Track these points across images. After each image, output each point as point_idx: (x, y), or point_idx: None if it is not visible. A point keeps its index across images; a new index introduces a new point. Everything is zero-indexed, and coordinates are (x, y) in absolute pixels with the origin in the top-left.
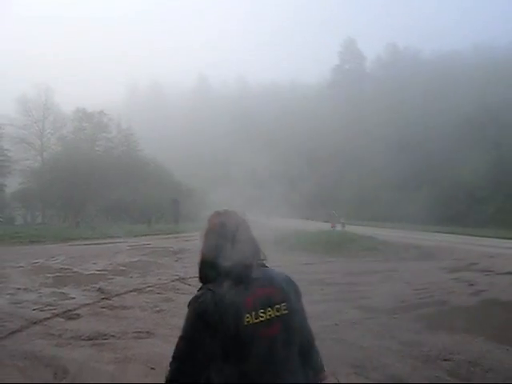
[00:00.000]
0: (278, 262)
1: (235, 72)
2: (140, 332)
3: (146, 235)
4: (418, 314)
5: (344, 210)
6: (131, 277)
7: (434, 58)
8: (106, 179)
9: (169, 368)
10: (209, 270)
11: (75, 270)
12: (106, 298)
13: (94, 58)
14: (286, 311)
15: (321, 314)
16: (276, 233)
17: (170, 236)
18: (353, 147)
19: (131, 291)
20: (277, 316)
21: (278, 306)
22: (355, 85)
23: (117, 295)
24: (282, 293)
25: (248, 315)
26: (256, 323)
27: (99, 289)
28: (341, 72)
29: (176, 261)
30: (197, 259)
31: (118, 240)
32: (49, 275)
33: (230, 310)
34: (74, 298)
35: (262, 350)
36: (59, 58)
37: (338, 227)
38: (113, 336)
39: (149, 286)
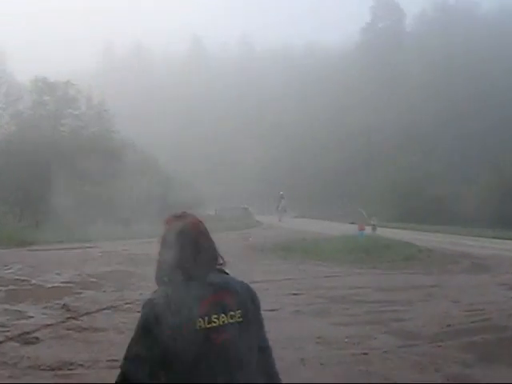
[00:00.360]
0: (285, 275)
1: (237, 32)
2: (115, 360)
3: (123, 238)
4: (468, 341)
5: (375, 209)
6: (104, 291)
7: (492, 15)
8: (74, 168)
9: (120, 369)
10: (164, 273)
11: (34, 281)
12: (73, 318)
13: (57, 13)
14: (241, 319)
15: (345, 339)
16: (288, 236)
17: (153, 240)
18: (386, 126)
19: (104, 309)
20: (230, 323)
21: (232, 313)
22: (391, 47)
23: (86, 314)
24: (238, 300)
25: (200, 320)
26: (208, 328)
27: (64, 306)
28: (373, 31)
29: None
30: None
31: (88, 244)
32: (0, 288)
33: (182, 314)
34: (32, 317)
35: (212, 356)
36: (13, 13)
37: (368, 230)
38: (81, 365)
39: (126, 303)
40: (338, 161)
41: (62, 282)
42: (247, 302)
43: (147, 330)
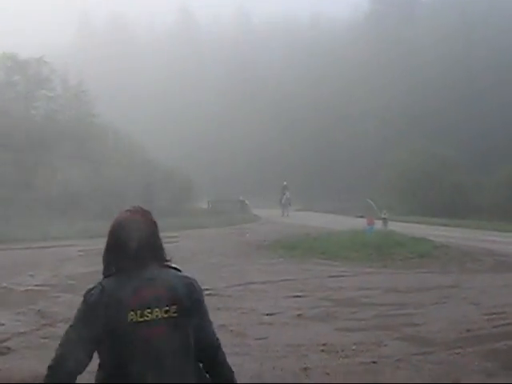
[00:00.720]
0: (285, 275)
1: (232, 2)
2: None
3: (105, 236)
4: (490, 348)
5: (386, 200)
6: None
7: None
8: (48, 156)
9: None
10: (107, 266)
11: (4, 284)
12: (49, 325)
13: None
14: (176, 314)
15: (353, 347)
16: (289, 232)
17: None
18: (398, 105)
19: None
20: (164, 318)
21: (166, 308)
22: (403, 17)
23: (64, 320)
24: (174, 295)
25: (132, 313)
26: (140, 322)
27: (39, 311)
28: (384, 0)
29: None
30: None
31: (65, 242)
32: None
33: (115, 306)
34: (2, 324)
35: (143, 349)
36: None
37: (378, 224)
38: None
39: None
40: (345, 146)
41: (37, 285)
42: (184, 298)
43: (82, 319)
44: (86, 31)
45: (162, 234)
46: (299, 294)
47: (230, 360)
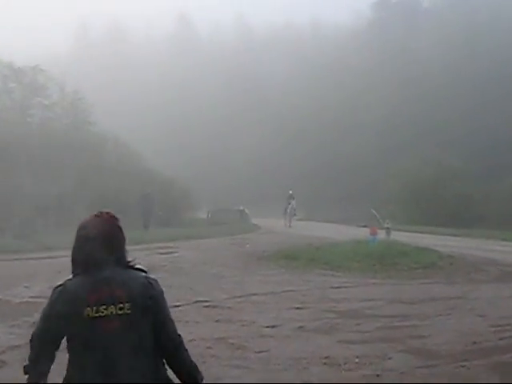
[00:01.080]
0: (287, 286)
1: (231, 11)
2: None
3: None
4: (497, 361)
5: (389, 210)
6: None
7: None
8: (43, 165)
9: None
10: (73, 265)
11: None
12: None
13: None
14: (129, 311)
15: (356, 359)
16: (291, 242)
17: (137, 247)
18: (402, 114)
19: None
20: (118, 314)
21: (121, 305)
22: (407, 25)
23: None
24: (129, 294)
25: (89, 309)
26: (95, 317)
27: (34, 324)
28: (387, 7)
29: None
30: (174, 279)
31: (61, 253)
32: None
33: (73, 303)
34: None
35: (98, 344)
36: None
37: (381, 234)
38: None
39: None
40: (348, 155)
41: (32, 297)
42: (139, 296)
43: (48, 314)
44: (84, 41)
45: (159, 245)
46: (301, 305)
47: (229, 373)
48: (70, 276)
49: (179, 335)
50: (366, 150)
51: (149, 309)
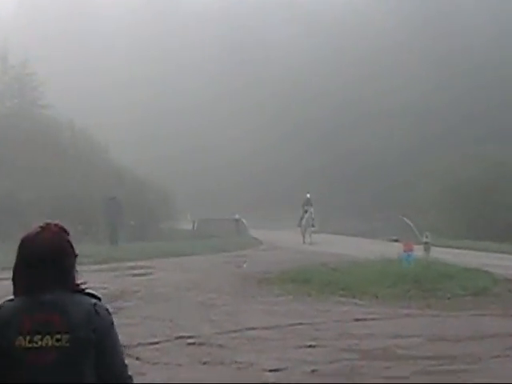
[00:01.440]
0: (296, 318)
1: None
2: None
3: None
4: None
5: (427, 220)
6: None
7: None
8: None
9: None
10: (14, 286)
11: None
12: None
13: None
14: (68, 344)
15: None
16: (300, 261)
17: (102, 267)
18: (444, 99)
19: None
20: (55, 346)
21: (58, 336)
22: None
23: None
24: (68, 323)
25: (21, 337)
26: (27, 348)
27: None
28: None
29: (114, 313)
30: (150, 308)
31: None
32: None
33: (3, 330)
34: None
35: (29, 378)
36: None
37: (418, 251)
38: None
39: None
40: (372, 150)
41: None
42: (81, 326)
43: None
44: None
45: (130, 264)
46: (314, 343)
47: None
48: (12, 297)
49: (130, 377)
50: (395, 142)
51: (91, 343)
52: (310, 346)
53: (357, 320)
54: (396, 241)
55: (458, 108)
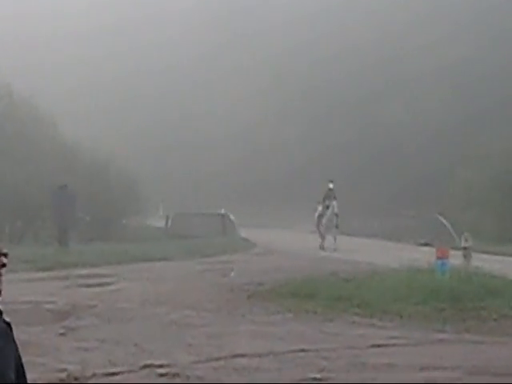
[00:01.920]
0: (297, 342)
1: None
2: None
3: None
4: None
5: (465, 219)
6: None
7: None
8: None
9: None
10: None
11: None
12: None
13: None
14: None
15: None
16: (303, 270)
17: (48, 275)
18: (478, 79)
19: None
20: None
21: None
22: None
23: None
24: None
25: None
26: None
27: None
28: None
29: (62, 334)
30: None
31: None
32: None
33: None
34: None
35: None
36: None
37: (456, 258)
38: None
39: None
40: (399, 132)
41: None
42: None
43: None
44: None
45: (85, 271)
46: (319, 375)
47: None
48: None
49: None
50: (427, 122)
51: None
52: (315, 380)
53: (375, 346)
54: (427, 245)
55: (492, 95)
